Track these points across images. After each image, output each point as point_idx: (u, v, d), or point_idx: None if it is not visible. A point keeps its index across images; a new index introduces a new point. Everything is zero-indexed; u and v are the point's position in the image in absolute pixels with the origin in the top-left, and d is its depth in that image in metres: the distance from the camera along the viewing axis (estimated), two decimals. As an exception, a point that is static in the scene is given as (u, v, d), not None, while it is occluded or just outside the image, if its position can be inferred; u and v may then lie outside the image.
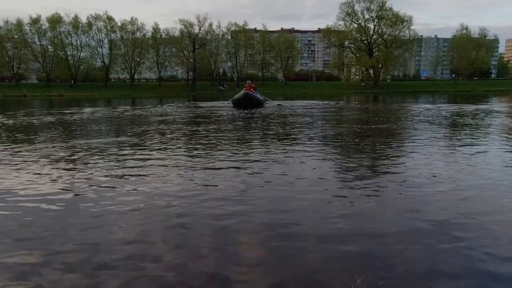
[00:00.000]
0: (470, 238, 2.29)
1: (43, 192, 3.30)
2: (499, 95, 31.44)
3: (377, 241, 2.26)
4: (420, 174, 3.85)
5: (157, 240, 2.30)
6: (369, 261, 2.01)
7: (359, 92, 46.85)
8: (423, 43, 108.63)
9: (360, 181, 3.63)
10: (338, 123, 10.23)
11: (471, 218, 2.61)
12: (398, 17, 55.03)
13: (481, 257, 2.04)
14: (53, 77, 54.08)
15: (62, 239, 2.32)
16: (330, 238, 2.30)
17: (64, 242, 2.28)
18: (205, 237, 2.34)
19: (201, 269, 1.94)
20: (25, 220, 2.65)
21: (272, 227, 2.49)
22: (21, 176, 3.90)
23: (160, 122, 10.19)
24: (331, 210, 2.82)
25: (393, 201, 3.03)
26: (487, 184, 3.50)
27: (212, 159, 4.80)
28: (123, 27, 55.78)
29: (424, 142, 6.02)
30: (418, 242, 2.25)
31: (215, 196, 3.15)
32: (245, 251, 2.17)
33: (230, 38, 60.97)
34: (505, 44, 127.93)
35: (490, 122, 9.37)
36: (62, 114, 13.83)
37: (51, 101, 29.16)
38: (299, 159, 4.72)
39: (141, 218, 2.68)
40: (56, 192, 3.30)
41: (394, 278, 1.84)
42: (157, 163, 4.55)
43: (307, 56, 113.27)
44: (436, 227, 2.45)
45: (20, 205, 2.98)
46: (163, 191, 3.31)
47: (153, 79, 71.38)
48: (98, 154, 5.15)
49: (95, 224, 2.56)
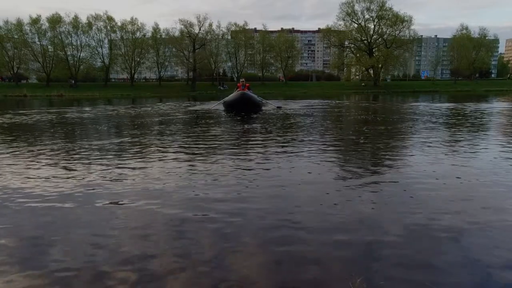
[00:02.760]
0: (471, 239, 2.28)
1: (41, 192, 3.30)
2: (499, 95, 31.44)
3: (377, 241, 2.25)
4: (420, 174, 3.84)
5: (156, 240, 2.29)
6: (369, 261, 2.01)
7: (359, 92, 46.83)
8: (423, 43, 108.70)
9: (360, 181, 3.62)
10: (338, 122, 10.23)
11: (473, 218, 2.60)
12: (398, 17, 55.09)
13: (482, 257, 2.04)
14: (64, 77, 53.83)
15: (60, 238, 2.32)
16: (330, 238, 2.30)
17: (63, 241, 2.27)
18: (204, 238, 2.33)
19: (200, 270, 1.93)
20: (18, 219, 2.64)
21: (271, 227, 2.49)
22: (17, 174, 3.90)
23: (160, 123, 10.18)
24: (331, 209, 2.81)
25: (393, 201, 3.03)
26: (489, 184, 3.49)
27: (212, 159, 4.80)
28: (123, 27, 55.82)
29: (424, 141, 6.01)
30: (418, 242, 2.24)
31: (215, 197, 3.15)
32: (244, 251, 2.16)
33: (230, 38, 60.99)
34: (505, 44, 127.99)
35: (492, 122, 9.37)
36: (62, 113, 13.84)
37: (51, 101, 29.16)
38: (299, 158, 4.71)
39: (140, 217, 2.68)
40: (54, 191, 3.29)
41: (394, 278, 1.84)
42: (156, 163, 4.55)
43: (307, 56, 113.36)
44: (437, 227, 2.44)
45: (13, 204, 2.97)
46: (162, 191, 3.30)
47: (152, 79, 71.38)
48: (85, 154, 5.15)
49: (93, 224, 2.55)
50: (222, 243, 2.24)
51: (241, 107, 13.23)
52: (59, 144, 6.21)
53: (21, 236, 2.38)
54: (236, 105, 13.46)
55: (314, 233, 2.37)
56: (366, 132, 7.59)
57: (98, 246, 2.21)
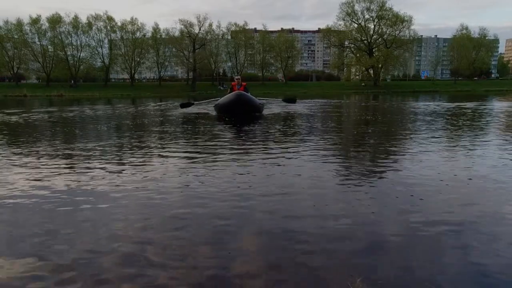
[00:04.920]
0: (472, 239, 2.28)
1: (41, 192, 3.29)
2: (499, 95, 31.43)
3: (377, 241, 2.25)
4: (421, 174, 3.83)
5: (155, 240, 2.29)
6: (369, 261, 2.01)
7: (359, 92, 46.82)
8: (423, 43, 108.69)
9: (360, 180, 3.62)
10: (338, 122, 10.22)
11: (473, 219, 2.60)
12: (398, 17, 55.10)
13: (482, 257, 2.03)
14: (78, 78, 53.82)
15: (59, 238, 2.32)
16: (329, 238, 2.29)
17: (63, 241, 2.27)
18: (203, 238, 2.33)
19: (199, 270, 1.93)
20: (14, 219, 2.64)
21: (271, 227, 2.48)
22: (15, 173, 3.89)
23: (160, 123, 10.17)
24: (331, 209, 2.81)
25: (393, 201, 3.02)
26: (491, 184, 3.48)
27: (211, 159, 4.79)
28: (123, 27, 55.83)
29: (425, 141, 6.00)
30: (418, 242, 2.24)
31: (214, 197, 3.14)
32: (244, 250, 2.16)
33: (230, 38, 60.99)
34: (505, 44, 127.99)
35: (492, 121, 9.37)
36: (63, 112, 13.84)
37: (51, 101, 29.15)
38: (299, 158, 4.71)
39: (139, 217, 2.67)
40: (53, 190, 3.29)
41: (393, 278, 1.84)
42: (155, 165, 4.55)
43: (307, 56, 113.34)
44: (437, 227, 2.43)
45: (13, 202, 2.97)
46: (161, 192, 3.30)
47: (152, 79, 71.36)
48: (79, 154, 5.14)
49: (91, 224, 2.55)
50: (222, 244, 2.23)
51: (238, 111, 11.06)
52: (58, 142, 6.21)
53: (21, 235, 2.37)
54: (231, 109, 11.13)
55: (313, 233, 2.36)
56: (367, 132, 7.59)
57: (98, 246, 2.20)
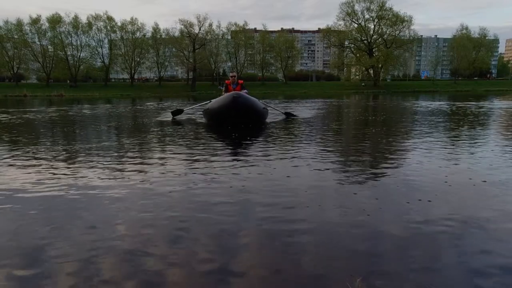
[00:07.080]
0: (472, 240, 2.27)
1: (40, 191, 3.29)
2: (499, 95, 31.44)
3: (377, 241, 2.24)
4: (422, 174, 3.82)
5: (155, 240, 2.28)
6: (368, 261, 2.00)
7: (359, 92, 46.85)
8: (423, 43, 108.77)
9: (360, 181, 3.61)
10: (338, 122, 10.21)
11: (474, 220, 2.58)
12: (398, 17, 55.17)
13: (482, 259, 2.02)
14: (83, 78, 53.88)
15: (59, 238, 2.31)
16: (329, 238, 2.29)
17: (63, 241, 2.26)
18: (203, 237, 2.32)
19: (198, 269, 1.92)
20: (12, 219, 2.63)
21: (271, 227, 2.47)
22: (14, 173, 3.89)
23: (160, 123, 10.17)
24: (330, 209, 2.80)
25: (393, 201, 3.02)
26: (492, 184, 3.47)
27: (212, 159, 4.78)
28: (123, 27, 55.91)
29: (425, 141, 5.99)
30: (418, 242, 2.23)
31: (214, 197, 3.13)
32: (243, 250, 2.15)
33: (230, 38, 61.04)
34: (505, 44, 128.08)
35: (492, 121, 9.36)
36: (64, 111, 13.84)
37: (51, 101, 29.16)
38: (300, 158, 4.69)
39: (139, 217, 2.67)
40: (53, 190, 3.28)
41: (393, 278, 1.83)
42: (155, 165, 4.54)
43: (307, 56, 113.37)
44: (437, 228, 2.42)
45: (12, 202, 2.96)
46: (162, 192, 3.29)
47: (152, 78, 71.39)
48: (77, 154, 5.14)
49: (91, 224, 2.54)
50: (222, 244, 2.22)
51: (235, 118, 8.19)
52: (58, 142, 6.20)
53: (21, 234, 2.37)
54: (226, 115, 8.25)
55: (313, 233, 2.35)
56: (366, 132, 7.58)
57: (97, 245, 2.19)
